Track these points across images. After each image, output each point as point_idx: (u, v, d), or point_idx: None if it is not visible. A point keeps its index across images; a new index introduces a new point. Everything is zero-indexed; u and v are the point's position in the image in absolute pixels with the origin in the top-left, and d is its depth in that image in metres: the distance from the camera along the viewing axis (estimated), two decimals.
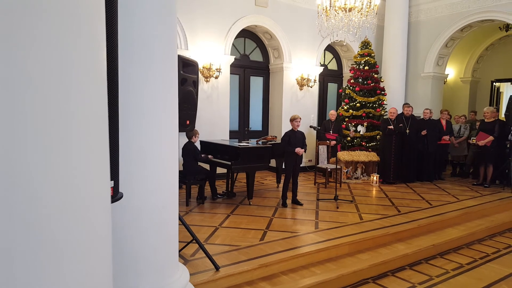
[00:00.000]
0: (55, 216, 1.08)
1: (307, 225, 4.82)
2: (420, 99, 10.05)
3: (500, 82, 11.72)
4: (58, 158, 1.08)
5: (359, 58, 8.77)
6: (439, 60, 10.07)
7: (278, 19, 8.58)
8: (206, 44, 7.55)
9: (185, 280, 2.72)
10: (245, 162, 5.68)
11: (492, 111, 7.78)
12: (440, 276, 3.92)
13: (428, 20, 9.97)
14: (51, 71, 1.05)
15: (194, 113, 3.34)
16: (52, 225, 1.08)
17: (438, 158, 8.46)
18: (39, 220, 1.04)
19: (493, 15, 8.79)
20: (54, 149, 1.07)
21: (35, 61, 1.01)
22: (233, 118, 8.57)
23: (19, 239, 1.01)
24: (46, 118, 1.04)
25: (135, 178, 2.35)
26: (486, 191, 7.34)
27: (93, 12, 1.19)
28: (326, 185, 7.38)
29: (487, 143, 7.52)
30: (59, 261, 1.10)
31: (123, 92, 1.88)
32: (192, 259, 3.55)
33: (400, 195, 6.77)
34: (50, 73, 1.05)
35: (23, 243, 1.02)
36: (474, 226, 5.37)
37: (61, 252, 1.11)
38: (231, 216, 5.13)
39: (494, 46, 11.47)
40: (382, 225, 4.83)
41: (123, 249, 2.32)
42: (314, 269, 3.73)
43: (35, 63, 1.01)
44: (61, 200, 1.09)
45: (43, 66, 1.03)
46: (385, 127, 7.80)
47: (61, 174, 1.09)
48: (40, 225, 1.05)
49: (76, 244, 1.15)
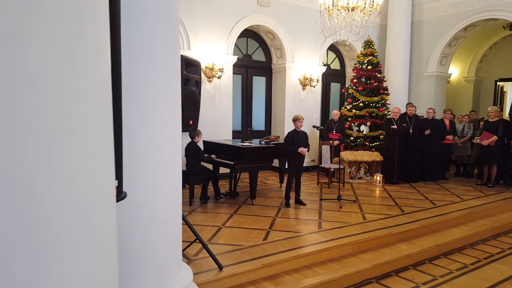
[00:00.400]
0: (61, 216, 1.08)
1: (310, 225, 4.81)
2: (423, 99, 10.02)
3: (504, 81, 11.66)
4: (64, 159, 1.08)
5: (362, 58, 8.74)
6: (442, 60, 10.03)
7: (281, 18, 8.58)
8: (209, 44, 7.56)
9: (188, 279, 2.72)
10: (248, 162, 5.68)
11: (496, 110, 7.74)
12: (444, 276, 3.91)
13: (431, 19, 9.94)
14: (57, 72, 1.05)
15: (197, 113, 3.35)
16: (58, 224, 1.08)
17: (441, 158, 8.43)
18: (43, 220, 1.04)
19: (497, 14, 8.75)
20: (60, 150, 1.07)
21: (40, 62, 1.01)
22: (235, 118, 8.57)
23: (23, 238, 1.01)
24: (53, 119, 1.05)
25: (138, 178, 2.36)
26: (490, 191, 7.30)
27: (97, 13, 1.20)
28: (329, 185, 7.37)
29: (491, 143, 7.48)
30: (65, 261, 1.11)
31: (125, 92, 1.88)
32: (196, 259, 3.55)
33: (403, 195, 6.74)
34: (56, 75, 1.05)
35: (29, 243, 1.02)
36: (478, 226, 5.34)
37: (67, 252, 1.11)
38: (234, 216, 5.13)
39: (497, 45, 11.42)
40: (386, 225, 4.81)
41: (126, 249, 2.32)
42: (317, 269, 3.72)
43: (40, 64, 1.01)
44: (66, 200, 1.09)
45: (48, 68, 1.03)
46: (388, 126, 7.77)
47: (67, 174, 1.09)
48: (45, 225, 1.05)
49: (82, 244, 1.15)
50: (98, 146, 1.20)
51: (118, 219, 1.41)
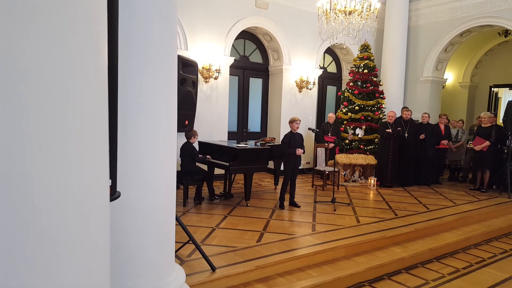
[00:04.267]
0: (53, 215, 1.08)
1: (304, 227, 4.82)
2: (418, 103, 10.08)
3: (498, 87, 11.76)
4: (58, 157, 1.07)
5: (359, 61, 8.78)
6: (438, 65, 10.10)
7: (279, 21, 8.59)
8: (206, 45, 7.55)
9: (181, 280, 2.72)
10: (243, 163, 5.67)
11: (489, 116, 7.80)
12: (436, 280, 3.92)
13: (428, 24, 10.01)
14: (53, 71, 1.05)
15: (193, 113, 3.34)
16: (50, 224, 1.07)
17: (435, 163, 8.48)
18: (36, 219, 1.04)
19: (493, 21, 8.83)
20: (54, 149, 1.06)
21: (36, 60, 1.01)
22: (232, 119, 8.57)
23: (17, 238, 1.00)
24: (48, 118, 1.04)
25: (132, 178, 2.35)
26: (483, 196, 7.35)
27: (95, 11, 1.19)
28: (324, 188, 7.38)
29: (483, 148, 7.54)
30: (57, 261, 1.10)
31: (121, 91, 1.87)
32: (189, 260, 3.54)
33: (397, 199, 6.77)
34: (52, 74, 1.05)
35: (21, 242, 1.01)
36: (470, 231, 5.37)
37: (59, 252, 1.10)
38: (228, 217, 5.13)
39: (493, 51, 11.52)
40: (379, 228, 4.83)
41: (118, 249, 2.31)
42: (311, 272, 3.72)
43: (36, 63, 1.01)
44: (59, 198, 1.09)
45: (45, 66, 1.03)
46: (383, 130, 7.81)
47: (61, 173, 1.08)
48: (38, 225, 1.04)
49: (74, 243, 1.14)
50: (92, 145, 1.19)
51: (112, 219, 1.41)
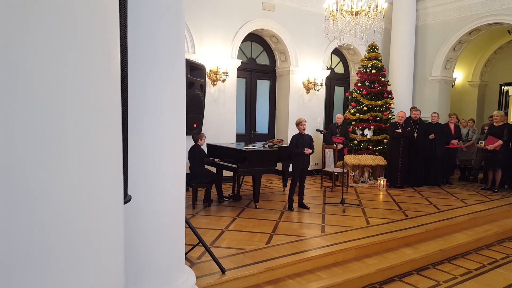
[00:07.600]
0: (71, 218, 1.09)
1: (313, 229, 4.80)
2: (427, 103, 9.99)
3: (508, 85, 11.60)
4: (74, 162, 1.09)
5: (366, 62, 8.74)
6: (447, 64, 10.00)
7: (285, 22, 8.60)
8: (213, 48, 7.59)
9: (191, 283, 2.73)
10: (252, 165, 5.68)
11: (501, 115, 7.71)
12: (448, 281, 3.88)
13: (436, 23, 9.92)
14: (70, 78, 1.06)
15: (201, 116, 3.36)
16: (68, 226, 1.09)
17: (446, 163, 8.39)
18: (54, 222, 1.05)
19: (502, 19, 8.72)
20: (74, 155, 1.08)
21: (51, 65, 1.02)
22: (239, 121, 8.59)
23: (32, 241, 1.02)
24: (68, 124, 1.06)
25: (141, 181, 2.37)
26: (495, 196, 7.25)
27: (107, 17, 1.20)
28: (333, 189, 7.35)
29: (496, 148, 7.45)
30: (74, 263, 1.11)
31: (130, 95, 1.89)
32: (198, 262, 3.56)
33: (407, 199, 6.72)
34: (70, 81, 1.06)
35: (37, 245, 1.03)
36: (482, 231, 5.31)
37: (76, 254, 1.12)
38: (237, 219, 5.13)
39: (502, 49, 11.37)
40: (389, 230, 4.79)
41: (128, 252, 2.33)
42: (320, 274, 3.71)
43: (52, 68, 1.02)
44: (75, 203, 1.10)
45: (62, 72, 1.04)
46: (393, 130, 7.76)
47: (76, 177, 1.10)
48: (55, 228, 1.06)
49: (93, 245, 1.16)
50: (108, 150, 1.20)
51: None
